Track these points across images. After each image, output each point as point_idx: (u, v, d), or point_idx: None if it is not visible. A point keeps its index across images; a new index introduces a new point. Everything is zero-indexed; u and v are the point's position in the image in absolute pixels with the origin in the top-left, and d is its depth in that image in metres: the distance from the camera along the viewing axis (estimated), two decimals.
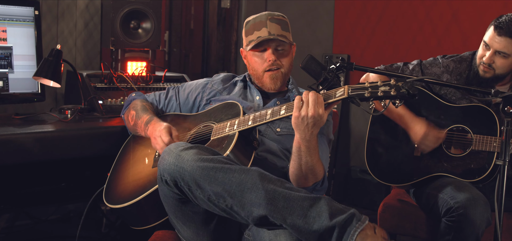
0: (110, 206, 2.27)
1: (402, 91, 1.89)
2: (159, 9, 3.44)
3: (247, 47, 2.47)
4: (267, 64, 2.43)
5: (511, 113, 2.01)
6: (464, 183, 2.48)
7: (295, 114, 1.99)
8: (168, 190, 1.97)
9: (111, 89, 3.18)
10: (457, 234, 2.34)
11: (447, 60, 2.82)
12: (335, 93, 1.98)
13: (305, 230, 1.76)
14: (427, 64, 2.84)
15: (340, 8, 4.64)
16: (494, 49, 2.58)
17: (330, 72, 2.15)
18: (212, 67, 4.83)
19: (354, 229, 1.72)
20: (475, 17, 3.67)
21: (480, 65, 2.65)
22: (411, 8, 4.07)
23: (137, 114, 2.52)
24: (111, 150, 2.64)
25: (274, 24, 2.41)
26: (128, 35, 3.37)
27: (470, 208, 2.31)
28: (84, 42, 3.77)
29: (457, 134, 2.67)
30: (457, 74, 2.77)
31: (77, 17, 3.73)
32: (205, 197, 1.87)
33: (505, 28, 2.53)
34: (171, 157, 1.92)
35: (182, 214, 2.04)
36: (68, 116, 2.85)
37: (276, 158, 2.32)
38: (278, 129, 2.39)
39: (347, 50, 4.58)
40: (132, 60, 3.43)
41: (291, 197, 1.79)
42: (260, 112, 2.16)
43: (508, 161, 2.73)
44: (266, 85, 2.48)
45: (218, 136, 2.24)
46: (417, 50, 4.04)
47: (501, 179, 2.02)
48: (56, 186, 3.13)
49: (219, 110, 2.42)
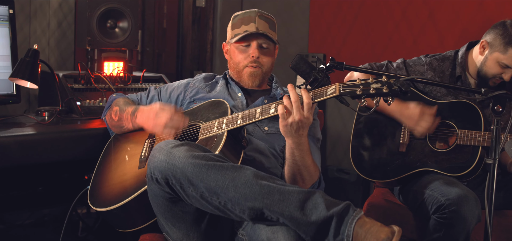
0: (96, 209, 2.22)
1: (394, 88, 1.89)
2: (137, 8, 3.38)
3: (232, 39, 2.45)
4: (250, 59, 2.43)
5: (501, 112, 2.03)
6: (452, 180, 2.50)
7: (282, 123, 2.01)
8: (158, 189, 1.93)
9: (88, 90, 3.10)
10: (448, 231, 2.35)
11: (430, 59, 2.86)
12: (326, 91, 1.99)
13: (304, 222, 1.76)
14: (411, 63, 2.87)
15: (315, 7, 4.63)
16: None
17: (319, 72, 2.13)
18: (187, 67, 4.77)
19: (351, 217, 1.74)
20: (451, 16, 3.71)
21: (493, 79, 2.70)
22: (387, 8, 4.09)
23: (121, 108, 2.48)
24: (92, 152, 2.57)
25: (262, 21, 2.42)
26: (105, 34, 3.29)
27: (461, 205, 2.32)
28: (58, 42, 3.68)
29: (442, 129, 2.70)
30: (440, 72, 2.81)
31: (50, 16, 3.64)
32: (197, 195, 1.85)
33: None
34: (162, 155, 1.88)
35: (171, 214, 1.99)
36: (46, 118, 2.77)
37: (264, 157, 2.30)
38: (265, 128, 2.37)
39: (323, 49, 4.58)
40: (109, 60, 3.35)
41: (286, 191, 1.80)
42: (249, 110, 2.14)
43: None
44: (245, 80, 2.48)
45: (206, 136, 2.20)
46: (393, 49, 4.06)
47: (491, 178, 2.03)
48: (33, 190, 3.03)
49: (206, 109, 2.38)
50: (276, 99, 2.49)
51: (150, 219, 2.17)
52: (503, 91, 2.02)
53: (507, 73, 2.66)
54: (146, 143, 2.38)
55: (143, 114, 2.35)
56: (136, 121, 2.38)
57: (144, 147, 2.36)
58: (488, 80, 2.72)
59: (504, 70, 2.67)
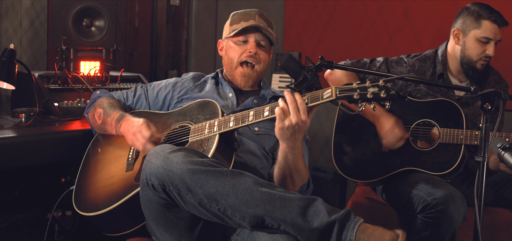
0: (82, 214, 2.15)
1: (392, 93, 1.87)
2: (113, 6, 3.31)
3: (230, 34, 2.43)
4: (247, 54, 2.40)
5: (490, 109, 2.04)
6: (437, 179, 2.52)
7: (278, 125, 1.95)
8: (153, 194, 1.87)
9: (65, 91, 3.03)
10: (434, 230, 2.36)
11: (413, 60, 2.87)
12: (322, 95, 1.94)
13: (306, 228, 1.73)
14: (393, 62, 2.88)
15: (290, 5, 4.62)
16: (496, 40, 2.70)
17: (309, 71, 2.11)
18: (161, 66, 4.70)
19: (353, 223, 1.72)
20: (426, 14, 3.74)
21: (480, 60, 2.72)
22: (363, 6, 4.11)
23: (105, 111, 2.40)
24: (74, 155, 2.51)
25: (262, 20, 2.42)
26: (81, 33, 3.22)
27: (448, 204, 2.34)
28: (30, 41, 3.58)
29: (424, 128, 2.71)
30: (422, 73, 2.83)
31: (22, 15, 3.54)
32: (196, 201, 1.80)
33: (501, 19, 2.67)
34: (159, 160, 1.83)
35: (165, 220, 1.94)
36: (23, 120, 2.69)
37: (256, 158, 2.28)
38: (256, 129, 2.34)
39: (298, 47, 4.57)
40: (85, 59, 3.27)
41: (287, 198, 1.77)
42: (241, 113, 2.09)
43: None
44: (237, 80, 2.45)
45: (197, 138, 2.16)
46: (369, 47, 4.08)
47: (480, 175, 2.04)
48: (9, 194, 2.93)
49: (195, 109, 2.33)
50: (265, 99, 2.47)
51: (139, 224, 2.12)
52: (492, 89, 2.03)
53: (490, 47, 2.70)
54: None
55: (127, 125, 2.26)
56: (120, 130, 2.31)
57: (131, 149, 2.30)
58: (475, 65, 2.74)
59: (485, 46, 2.70)
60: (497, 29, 2.67)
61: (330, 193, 4.25)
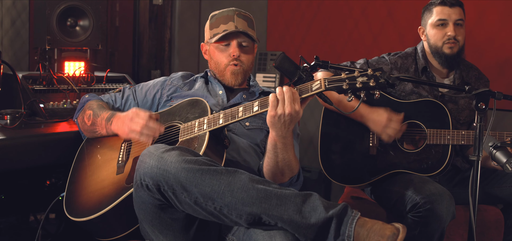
0: (74, 219, 2.11)
1: (381, 81, 1.88)
2: (98, 6, 3.26)
3: (211, 39, 2.43)
4: (230, 58, 2.41)
5: (484, 109, 2.07)
6: (426, 178, 2.53)
7: (271, 113, 1.96)
8: (147, 195, 1.85)
9: (50, 92, 2.97)
10: (423, 229, 2.38)
11: (394, 58, 2.89)
12: (311, 87, 1.96)
13: (303, 225, 1.74)
14: (374, 62, 2.88)
15: (273, 5, 4.62)
16: (452, 21, 2.74)
17: (304, 71, 2.11)
18: (144, 66, 4.65)
19: (351, 218, 1.74)
20: (410, 13, 3.77)
21: (445, 44, 2.77)
22: (347, 6, 4.12)
23: (95, 113, 2.38)
24: (62, 157, 2.46)
25: (241, 20, 2.41)
26: (65, 33, 3.16)
27: (437, 203, 2.35)
28: (11, 41, 3.52)
29: (411, 130, 2.72)
30: (404, 70, 2.85)
31: (3, 14, 3.47)
32: (191, 201, 1.79)
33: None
34: (153, 160, 1.81)
35: (160, 221, 1.92)
36: (8, 122, 2.63)
37: (247, 155, 2.28)
38: (247, 124, 2.35)
39: (282, 47, 4.57)
40: (69, 60, 3.22)
41: (283, 195, 1.78)
42: (231, 109, 2.09)
43: (463, 155, 2.86)
44: (227, 79, 2.45)
45: (187, 137, 2.14)
46: (353, 47, 4.10)
47: (474, 174, 2.07)
48: None
49: (184, 108, 2.31)
50: (254, 95, 2.48)
51: (131, 227, 2.10)
52: (486, 89, 2.06)
53: (449, 29, 2.76)
54: (123, 147, 2.30)
55: (118, 121, 2.26)
56: (111, 128, 2.29)
57: (121, 151, 2.28)
58: (442, 50, 2.79)
59: (445, 28, 2.77)
60: (448, 9, 2.75)
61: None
